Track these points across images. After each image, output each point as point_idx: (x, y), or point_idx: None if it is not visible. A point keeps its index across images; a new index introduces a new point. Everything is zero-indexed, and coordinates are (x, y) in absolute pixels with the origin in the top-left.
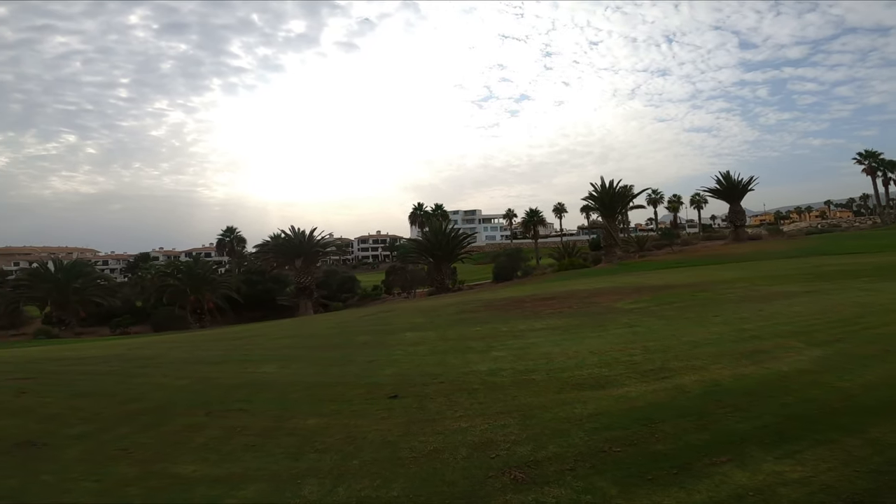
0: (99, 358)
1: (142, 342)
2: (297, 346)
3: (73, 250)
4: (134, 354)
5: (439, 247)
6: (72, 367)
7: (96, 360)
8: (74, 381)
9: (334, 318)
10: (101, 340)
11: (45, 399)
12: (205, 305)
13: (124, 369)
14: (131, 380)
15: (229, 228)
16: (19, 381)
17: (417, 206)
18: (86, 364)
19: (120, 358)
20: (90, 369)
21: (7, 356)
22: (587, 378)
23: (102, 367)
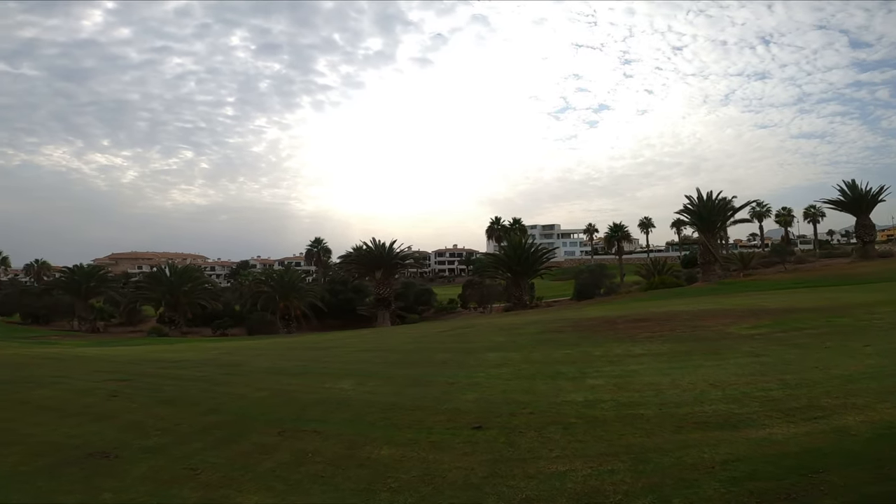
0: (193, 362)
1: (232, 347)
2: (375, 361)
3: (187, 256)
4: (223, 360)
5: (518, 262)
6: (165, 371)
7: (190, 364)
8: (163, 386)
9: (412, 332)
10: (202, 342)
11: (132, 404)
12: (292, 312)
13: (211, 376)
14: (215, 388)
15: (317, 239)
16: (115, 383)
17: (495, 221)
18: (179, 368)
19: (210, 363)
20: (181, 374)
21: (115, 355)
22: (712, 416)
23: (193, 371)
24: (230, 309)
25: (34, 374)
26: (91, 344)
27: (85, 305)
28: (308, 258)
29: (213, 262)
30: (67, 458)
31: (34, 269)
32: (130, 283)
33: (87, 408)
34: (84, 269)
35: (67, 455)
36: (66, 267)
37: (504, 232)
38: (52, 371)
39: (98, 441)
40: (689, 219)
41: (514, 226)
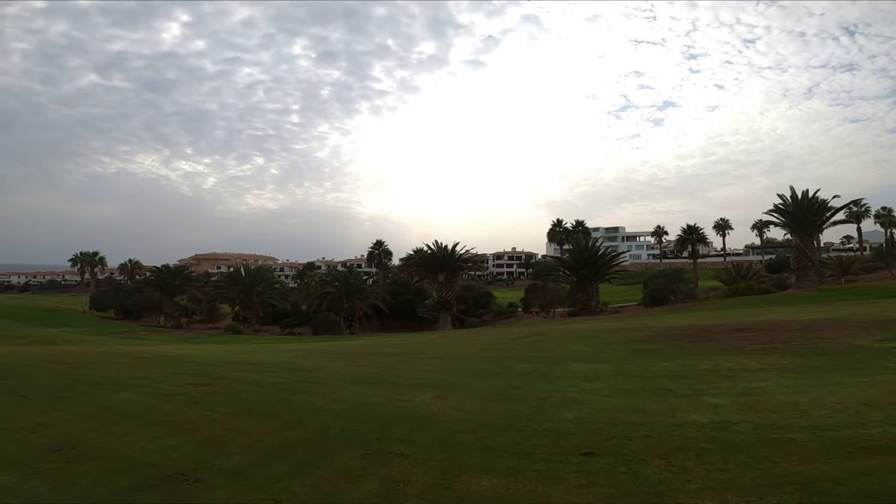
0: (268, 365)
1: (303, 350)
2: (451, 371)
3: (259, 257)
4: (297, 365)
5: (585, 265)
6: (243, 375)
7: (265, 367)
8: (242, 393)
9: (482, 339)
10: (272, 341)
11: (213, 414)
12: (356, 313)
13: (287, 383)
14: (292, 397)
15: (378, 242)
16: (196, 388)
17: (556, 223)
18: (256, 372)
19: (285, 367)
20: (258, 379)
21: (196, 356)
22: (881, 439)
23: (269, 377)
24: (297, 308)
25: (121, 375)
26: (175, 340)
27: (171, 303)
28: (370, 260)
29: (283, 263)
30: (146, 480)
31: (128, 268)
32: (210, 282)
33: (167, 416)
34: (171, 269)
35: (146, 475)
36: (156, 266)
37: (566, 234)
38: (137, 372)
39: (178, 459)
40: (782, 220)
41: (577, 228)
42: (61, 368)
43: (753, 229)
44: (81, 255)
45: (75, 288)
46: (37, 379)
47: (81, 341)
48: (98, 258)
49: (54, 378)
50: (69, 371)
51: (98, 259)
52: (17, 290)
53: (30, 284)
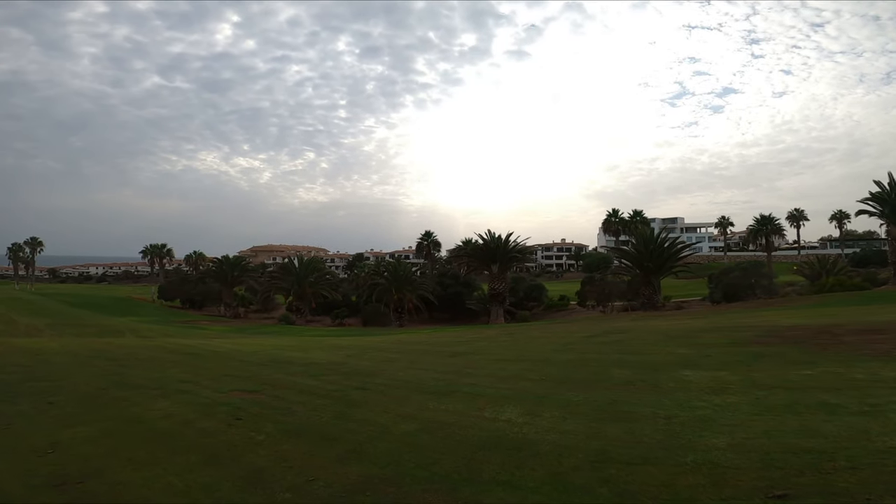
0: (321, 367)
1: (358, 348)
2: (531, 378)
3: (311, 249)
4: (352, 367)
5: (650, 257)
6: (295, 380)
7: (318, 369)
8: (292, 407)
9: (551, 336)
10: (324, 334)
11: (257, 434)
12: (406, 305)
13: (344, 392)
14: (351, 412)
15: (427, 233)
16: (242, 395)
17: (612, 213)
18: (308, 375)
19: (339, 370)
20: (311, 386)
21: (248, 352)
22: None
23: (323, 383)
24: (347, 299)
25: (164, 378)
26: (232, 331)
27: (230, 293)
28: (419, 251)
29: (333, 255)
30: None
31: (192, 259)
32: (266, 273)
33: (205, 437)
34: (230, 261)
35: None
36: (217, 258)
37: (623, 225)
38: (183, 372)
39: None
40: (879, 209)
41: (635, 218)
42: (105, 367)
43: (832, 220)
44: (151, 247)
45: (146, 278)
46: (74, 380)
47: (146, 331)
48: (166, 250)
49: (93, 379)
50: (112, 370)
51: (166, 251)
52: (95, 280)
53: (106, 275)
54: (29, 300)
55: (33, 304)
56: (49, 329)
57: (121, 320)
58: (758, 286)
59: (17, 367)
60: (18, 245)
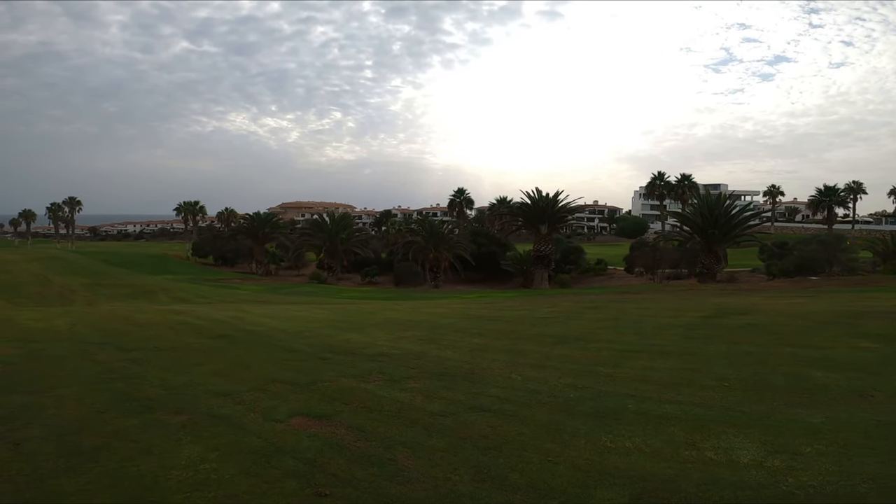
0: (396, 361)
1: (422, 325)
2: (707, 384)
3: (339, 205)
4: (437, 360)
5: (714, 224)
6: (374, 391)
7: (394, 365)
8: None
9: (655, 314)
10: (362, 296)
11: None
12: (441, 264)
13: (457, 416)
14: (492, 465)
15: (459, 190)
16: (309, 428)
17: (657, 176)
18: (388, 381)
19: (423, 366)
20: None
21: (294, 331)
22: None
23: (414, 395)
24: (378, 257)
25: (191, 384)
26: (264, 290)
27: (261, 250)
28: (450, 208)
29: (360, 211)
30: None
31: (224, 216)
32: (297, 229)
33: None
34: (261, 217)
35: None
36: (248, 214)
37: (668, 189)
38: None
39: None
40: None
41: (682, 182)
42: (113, 363)
43: (891, 195)
44: (184, 204)
45: (181, 235)
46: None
47: (179, 291)
48: (199, 207)
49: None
50: (121, 370)
51: (199, 208)
52: (133, 237)
53: (144, 232)
54: (67, 259)
55: (71, 262)
56: (83, 290)
57: (155, 279)
58: (836, 261)
59: (1, 368)
60: (57, 205)
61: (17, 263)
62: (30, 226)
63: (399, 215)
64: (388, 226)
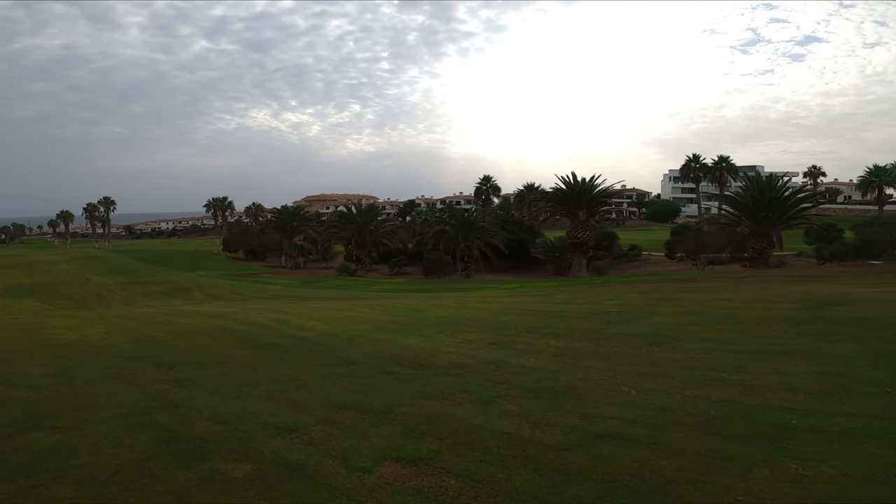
0: (474, 373)
1: (479, 323)
2: (865, 391)
3: (361, 197)
4: (525, 372)
5: (767, 206)
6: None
7: (476, 380)
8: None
9: (756, 305)
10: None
11: None
12: (473, 253)
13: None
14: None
15: (486, 177)
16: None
17: (692, 158)
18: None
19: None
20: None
21: (346, 336)
22: None
23: (516, 422)
24: (404, 247)
25: (246, 414)
26: (296, 284)
27: (290, 243)
28: (477, 196)
29: (384, 202)
30: None
31: (252, 210)
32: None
33: None
34: (289, 211)
35: None
36: (276, 208)
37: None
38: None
39: None
40: None
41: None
42: (152, 386)
43: None
44: (213, 200)
45: (212, 231)
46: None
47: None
48: (227, 203)
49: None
50: (162, 396)
51: (227, 203)
52: (166, 234)
53: (176, 229)
54: (104, 258)
55: (108, 261)
56: (120, 289)
57: (189, 275)
58: None
59: (24, 394)
60: (93, 205)
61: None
62: (68, 226)
63: (422, 205)
64: (413, 215)
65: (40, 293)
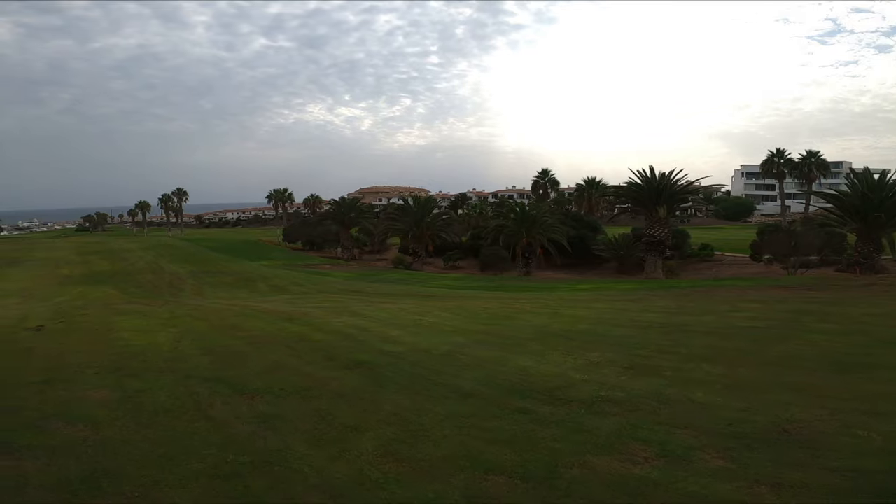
0: (631, 409)
1: (603, 336)
2: None
3: (413, 190)
4: (713, 417)
5: (879, 206)
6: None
7: (629, 412)
8: None
9: None
10: (462, 286)
11: None
12: (535, 249)
13: None
14: None
15: (544, 171)
16: None
17: (776, 153)
18: (686, 469)
19: (708, 432)
20: None
21: (436, 353)
22: None
23: (755, 493)
24: (458, 240)
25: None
26: (355, 277)
27: (347, 234)
28: (534, 189)
29: (436, 195)
30: None
31: (310, 202)
32: (382, 214)
33: None
34: (346, 202)
35: None
36: (334, 199)
37: (791, 167)
38: (398, 462)
39: None
40: None
41: (809, 160)
42: (233, 425)
43: None
44: (275, 192)
45: (273, 221)
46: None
47: (277, 279)
48: (287, 194)
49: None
50: (247, 444)
51: (287, 195)
52: (231, 224)
53: (240, 220)
54: (176, 246)
55: (180, 250)
56: (190, 278)
57: (252, 265)
58: None
59: (81, 433)
60: (167, 195)
61: (134, 252)
62: (145, 215)
63: (474, 198)
64: (467, 209)
65: (118, 281)
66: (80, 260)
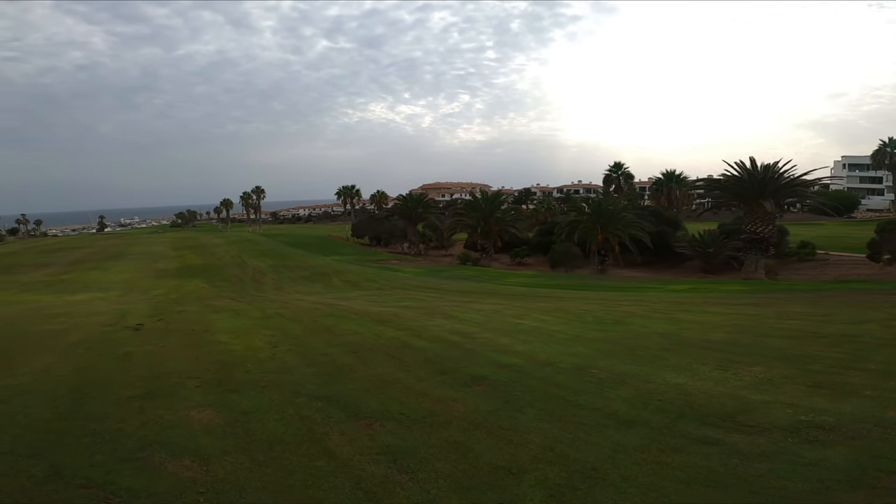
0: (863, 448)
1: (755, 347)
2: None
3: (475, 185)
4: None
5: None
6: None
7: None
8: None
9: None
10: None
11: None
12: (612, 246)
13: None
14: None
15: (616, 164)
16: None
17: (888, 143)
18: None
19: None
20: None
21: (558, 365)
22: None
23: None
24: (524, 236)
25: None
26: (425, 273)
27: (413, 230)
28: (606, 183)
29: (500, 191)
30: None
31: (376, 198)
32: (450, 209)
33: None
34: (413, 198)
35: None
36: (401, 195)
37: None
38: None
39: None
40: None
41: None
42: (363, 469)
43: None
44: (343, 188)
45: (341, 217)
46: None
47: (350, 275)
48: (355, 191)
49: None
50: (375, 496)
51: (355, 191)
52: (303, 220)
53: (311, 216)
54: (257, 241)
55: (260, 245)
56: (270, 272)
57: (325, 260)
58: None
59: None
60: (248, 193)
61: (220, 246)
62: (229, 212)
63: (538, 193)
64: (534, 204)
65: (207, 274)
66: (174, 254)
